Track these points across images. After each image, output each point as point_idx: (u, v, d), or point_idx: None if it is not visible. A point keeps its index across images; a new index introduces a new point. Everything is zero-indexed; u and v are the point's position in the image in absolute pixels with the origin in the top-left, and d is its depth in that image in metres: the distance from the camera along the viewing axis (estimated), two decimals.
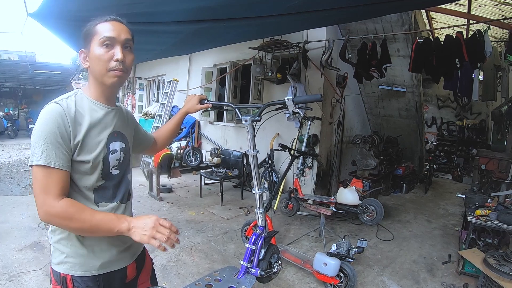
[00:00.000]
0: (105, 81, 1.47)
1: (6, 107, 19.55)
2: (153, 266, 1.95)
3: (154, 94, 13.05)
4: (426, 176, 8.89)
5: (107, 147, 1.49)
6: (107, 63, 1.43)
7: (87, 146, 1.41)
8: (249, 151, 2.14)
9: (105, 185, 1.50)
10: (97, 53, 1.43)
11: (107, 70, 1.44)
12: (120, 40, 1.46)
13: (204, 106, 2.07)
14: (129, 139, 1.68)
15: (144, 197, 6.96)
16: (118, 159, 1.56)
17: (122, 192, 1.59)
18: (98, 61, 1.43)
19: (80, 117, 1.42)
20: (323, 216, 4.76)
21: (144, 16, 3.78)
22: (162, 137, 2.12)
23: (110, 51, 1.44)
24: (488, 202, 4.49)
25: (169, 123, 2.15)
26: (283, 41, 6.68)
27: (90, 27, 1.47)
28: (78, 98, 1.47)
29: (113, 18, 1.50)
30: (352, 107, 8.19)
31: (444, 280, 3.99)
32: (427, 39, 5.26)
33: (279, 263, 2.29)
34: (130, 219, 1.37)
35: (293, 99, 1.94)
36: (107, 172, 1.50)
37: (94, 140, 1.44)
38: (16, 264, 3.87)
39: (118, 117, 1.59)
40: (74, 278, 1.44)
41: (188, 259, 4.28)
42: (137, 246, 1.73)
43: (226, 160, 7.63)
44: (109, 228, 1.35)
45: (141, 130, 1.92)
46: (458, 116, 12.38)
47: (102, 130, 1.49)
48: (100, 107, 1.51)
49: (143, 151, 2.07)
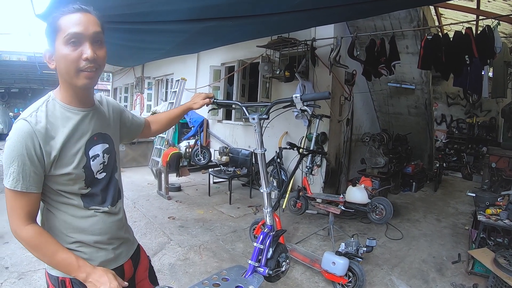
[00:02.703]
0: (76, 83, 1.34)
1: (16, 108, 19.75)
2: (150, 263, 1.89)
3: (163, 93, 13.07)
4: (436, 174, 8.79)
5: (86, 155, 1.41)
6: (75, 63, 1.30)
7: (64, 159, 1.35)
8: (257, 150, 2.13)
9: (92, 191, 1.45)
10: (63, 52, 1.29)
11: (77, 71, 1.31)
12: (88, 34, 1.30)
13: (206, 101, 2.05)
14: (113, 136, 1.60)
15: (153, 196, 6.99)
16: (102, 162, 1.49)
17: (111, 194, 1.54)
18: (65, 61, 1.30)
19: (53, 130, 1.33)
20: (332, 214, 4.73)
21: (150, 15, 3.78)
22: (159, 122, 2.07)
23: (78, 49, 1.29)
24: (499, 201, 4.43)
25: (170, 112, 2.12)
26: (291, 39, 6.66)
27: (53, 22, 1.30)
28: (49, 106, 1.37)
29: (77, 9, 1.31)
30: (360, 105, 8.14)
31: (454, 280, 3.95)
32: (436, 35, 5.20)
33: (287, 262, 2.28)
34: (89, 271, 1.34)
35: (301, 97, 1.93)
36: (91, 179, 1.45)
37: (71, 151, 1.37)
38: (25, 263, 3.91)
39: (96, 118, 1.49)
40: (73, 280, 1.41)
41: (196, 258, 4.28)
42: (131, 243, 1.72)
43: (235, 158, 7.62)
44: (67, 271, 1.35)
45: (129, 117, 1.82)
46: (468, 114, 12.26)
47: (79, 138, 1.40)
48: (75, 112, 1.41)
49: (135, 137, 1.97)
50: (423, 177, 8.63)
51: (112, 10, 3.47)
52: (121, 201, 1.64)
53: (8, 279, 3.56)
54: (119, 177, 1.64)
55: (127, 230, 1.71)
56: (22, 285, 3.47)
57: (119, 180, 1.64)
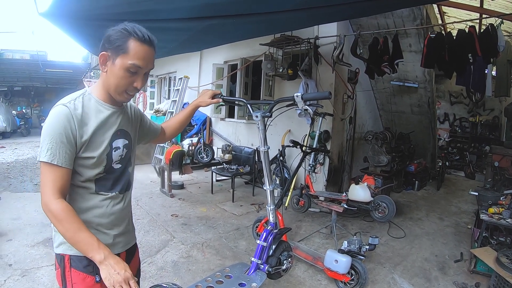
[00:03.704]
0: (116, 97, 1.55)
1: (19, 106, 19.87)
2: (140, 266, 2.01)
3: (165, 91, 13.08)
4: (439, 173, 8.79)
5: (110, 145, 1.58)
6: (125, 86, 1.51)
7: (92, 144, 1.51)
8: (260, 147, 2.14)
9: (106, 176, 1.61)
10: (120, 74, 1.47)
11: (123, 91, 1.53)
12: (146, 71, 1.53)
13: (215, 100, 2.14)
14: (133, 136, 1.77)
15: (156, 193, 7.01)
16: (121, 155, 1.66)
17: (121, 183, 1.69)
18: (119, 80, 1.48)
19: (87, 118, 1.50)
20: (334, 213, 4.73)
21: (153, 13, 3.78)
22: (171, 127, 2.20)
23: (133, 77, 1.50)
24: (502, 200, 4.42)
25: (180, 114, 2.21)
26: (294, 37, 6.65)
27: (122, 38, 1.45)
28: (85, 99, 1.54)
29: (148, 41, 1.49)
30: (363, 103, 8.13)
31: (456, 279, 3.95)
32: (440, 34, 5.19)
33: (289, 261, 2.29)
34: (107, 254, 1.42)
35: (302, 96, 1.94)
36: (109, 166, 1.60)
37: (99, 139, 1.53)
38: (28, 260, 3.93)
39: (122, 116, 1.67)
40: (72, 257, 1.53)
41: (199, 255, 4.30)
42: (131, 237, 1.85)
43: (238, 156, 7.63)
44: (85, 250, 1.42)
45: (147, 123, 2.00)
46: (471, 112, 12.22)
47: (107, 130, 1.57)
48: (106, 108, 1.58)
49: (151, 141, 2.15)
50: (425, 175, 8.61)
51: (114, 8, 3.47)
52: (129, 193, 1.79)
53: (11, 276, 3.58)
54: (132, 171, 1.81)
55: (130, 223, 1.85)
56: (26, 282, 3.49)
57: (132, 174, 1.80)
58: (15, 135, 17.01)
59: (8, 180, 7.71)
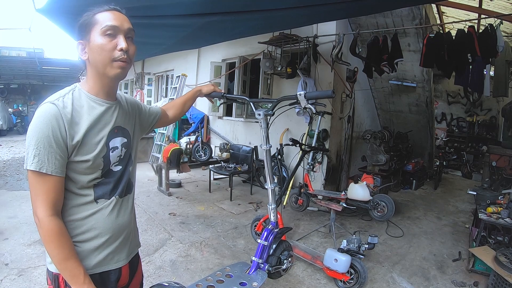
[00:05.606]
0: (108, 72, 1.39)
1: (15, 104, 19.74)
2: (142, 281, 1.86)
3: (163, 89, 13.05)
4: (436, 172, 8.82)
5: (107, 145, 1.43)
6: (110, 52, 1.36)
7: (86, 146, 1.36)
8: (262, 146, 2.13)
9: (105, 181, 1.46)
10: (99, 42, 1.35)
11: (111, 61, 1.37)
12: (123, 29, 1.40)
13: (218, 90, 2.15)
14: (132, 132, 1.63)
15: (153, 192, 6.98)
16: (119, 156, 1.51)
17: (122, 185, 1.54)
18: (101, 51, 1.36)
19: (78, 116, 1.35)
20: (333, 211, 4.73)
21: (152, 9, 3.76)
22: (175, 107, 2.12)
23: (113, 40, 1.37)
24: (500, 199, 4.45)
25: (183, 97, 2.17)
26: (292, 35, 6.64)
27: (89, 17, 1.39)
28: (75, 94, 1.40)
29: (113, 8, 1.42)
30: (362, 102, 8.13)
31: (454, 278, 3.96)
32: (439, 33, 5.20)
33: (290, 261, 2.28)
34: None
35: (305, 95, 1.92)
36: (107, 170, 1.46)
37: (94, 139, 1.39)
38: (25, 259, 3.90)
39: (118, 111, 1.53)
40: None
41: (197, 254, 4.28)
42: (134, 244, 1.70)
43: (236, 155, 7.62)
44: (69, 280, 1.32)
45: (145, 110, 1.87)
46: (468, 112, 12.24)
47: (102, 128, 1.43)
48: (99, 103, 1.44)
49: (154, 127, 2.00)
50: (423, 175, 8.65)
51: (114, 3, 3.45)
52: (131, 196, 1.65)
53: (8, 275, 3.55)
54: (133, 170, 1.68)
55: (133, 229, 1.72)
56: (22, 282, 3.45)
57: (133, 173, 1.67)
58: (12, 133, 16.95)
59: (4, 178, 7.66)
